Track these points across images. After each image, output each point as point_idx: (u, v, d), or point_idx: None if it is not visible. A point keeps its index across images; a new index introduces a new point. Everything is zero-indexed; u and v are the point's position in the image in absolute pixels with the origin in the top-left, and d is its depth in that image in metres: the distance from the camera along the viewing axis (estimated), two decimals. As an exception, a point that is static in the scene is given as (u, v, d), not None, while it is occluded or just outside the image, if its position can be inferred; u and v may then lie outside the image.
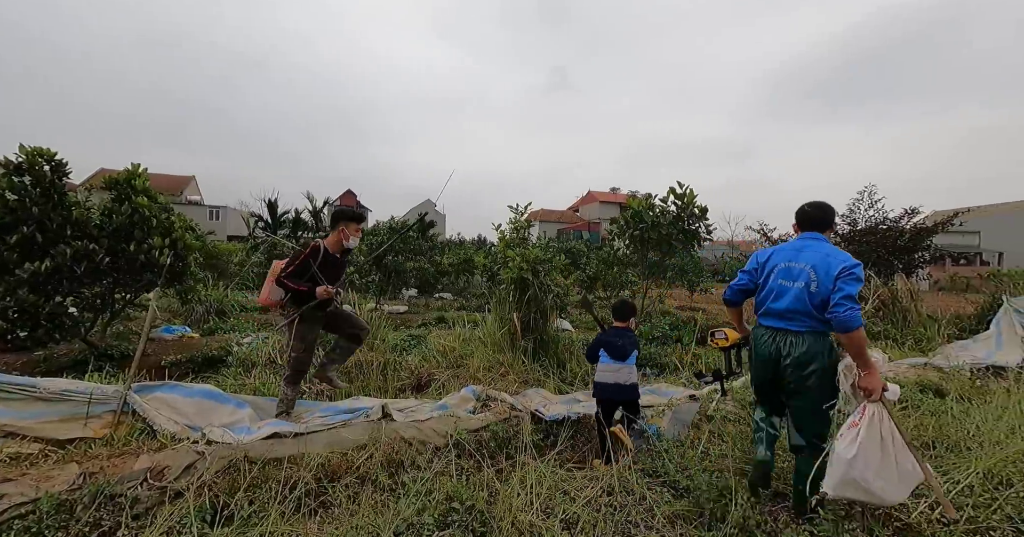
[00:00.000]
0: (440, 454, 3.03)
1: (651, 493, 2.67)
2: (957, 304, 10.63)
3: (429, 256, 17.15)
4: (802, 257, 2.33)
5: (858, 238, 9.27)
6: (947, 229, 8.92)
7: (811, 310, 2.26)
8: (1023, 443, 3.01)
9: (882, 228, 9.11)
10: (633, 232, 6.56)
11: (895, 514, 2.46)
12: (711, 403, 4.29)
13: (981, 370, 5.96)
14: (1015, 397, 4.23)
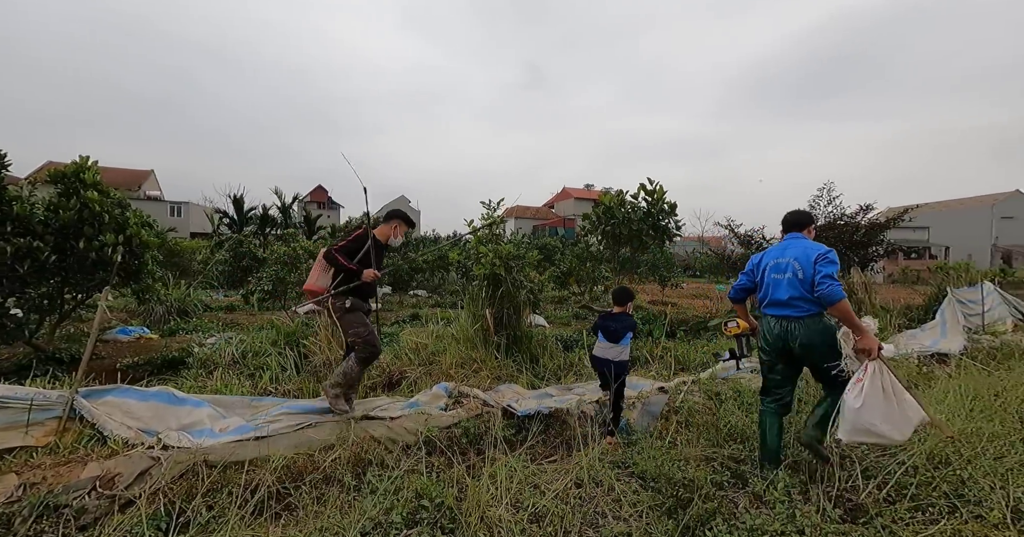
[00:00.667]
0: (411, 452, 3.00)
1: (620, 484, 2.72)
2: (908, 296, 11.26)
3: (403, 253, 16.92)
4: (787, 253, 2.81)
5: (818, 233, 9.68)
6: (898, 224, 9.42)
7: (806, 294, 2.68)
8: (962, 425, 3.22)
9: (840, 224, 9.54)
10: (605, 228, 6.64)
11: (845, 495, 2.59)
12: (679, 395, 4.40)
13: (927, 357, 6.33)
14: (956, 382, 4.51)
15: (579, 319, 11.01)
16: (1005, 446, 2.91)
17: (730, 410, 3.96)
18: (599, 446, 3.25)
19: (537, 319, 9.80)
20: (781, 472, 2.71)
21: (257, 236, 25.52)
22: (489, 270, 4.97)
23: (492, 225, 5.54)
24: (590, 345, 4.07)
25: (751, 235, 10.62)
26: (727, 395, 4.38)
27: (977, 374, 5.11)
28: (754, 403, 3.98)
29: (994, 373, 5.10)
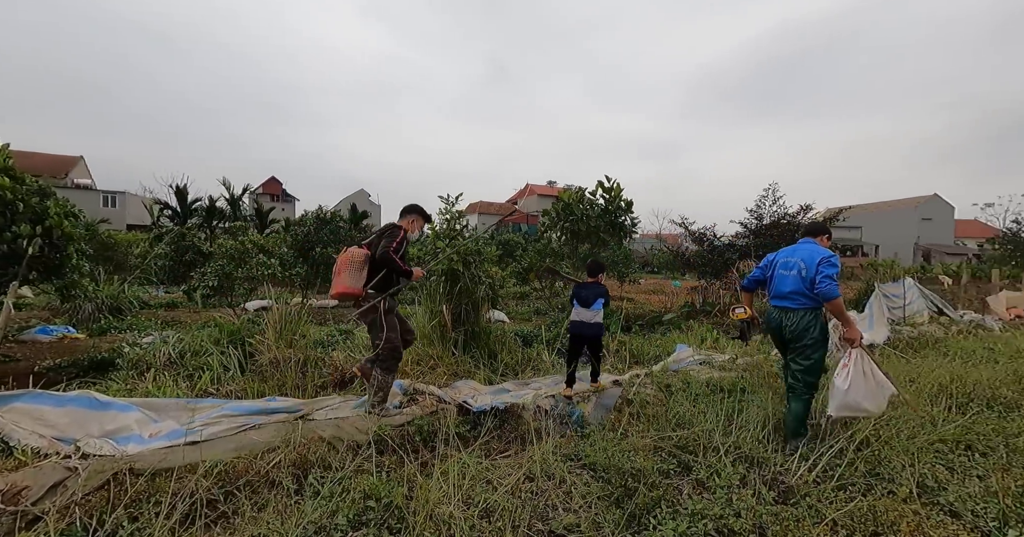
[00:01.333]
0: (361, 452, 2.92)
1: (571, 476, 2.76)
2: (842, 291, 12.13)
3: (362, 248, 16.47)
4: (796, 254, 3.27)
5: (764, 231, 10.25)
6: (834, 224, 10.12)
7: (804, 290, 3.13)
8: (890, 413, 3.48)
9: (783, 223, 10.13)
10: (564, 224, 6.72)
11: (779, 478, 2.75)
12: (632, 388, 4.52)
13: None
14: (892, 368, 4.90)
15: (540, 314, 11.14)
16: (916, 427, 3.19)
17: (679, 401, 4.10)
18: (553, 440, 3.29)
19: (497, 314, 9.82)
20: (725, 458, 2.85)
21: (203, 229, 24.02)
22: (447, 265, 4.91)
23: (452, 220, 5.48)
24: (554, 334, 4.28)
25: (703, 233, 11.06)
26: (677, 387, 4.54)
27: (897, 362, 5.57)
28: (701, 394, 4.16)
29: (911, 361, 5.58)
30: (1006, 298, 11.39)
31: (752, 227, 10.59)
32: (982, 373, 4.66)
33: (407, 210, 3.76)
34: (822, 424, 3.28)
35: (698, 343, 6.87)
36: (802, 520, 2.20)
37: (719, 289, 10.25)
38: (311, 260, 12.28)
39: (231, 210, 27.15)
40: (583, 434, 3.50)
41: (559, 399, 4.12)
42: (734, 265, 10.23)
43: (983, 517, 2.11)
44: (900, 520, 2.04)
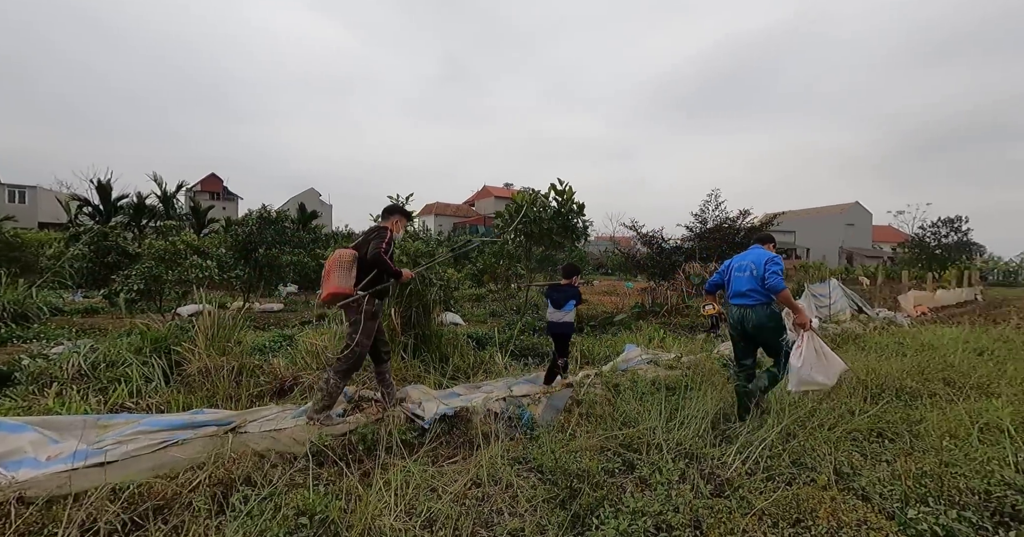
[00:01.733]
0: (297, 465, 2.77)
1: (519, 480, 2.75)
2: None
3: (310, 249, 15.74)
4: (747, 258, 3.87)
5: (707, 235, 10.81)
6: (769, 228, 10.85)
7: (757, 287, 3.66)
8: (810, 405, 3.74)
9: (725, 227, 10.72)
10: (517, 226, 6.74)
11: (716, 472, 2.87)
12: (582, 388, 4.59)
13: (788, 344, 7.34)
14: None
15: (495, 316, 11.12)
16: (836, 418, 3.44)
17: (626, 400, 4.19)
18: (502, 443, 3.27)
19: (452, 317, 9.70)
20: (667, 455, 2.94)
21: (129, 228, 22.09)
22: (395, 267, 4.78)
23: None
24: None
25: (653, 235, 11.48)
26: (625, 386, 4.64)
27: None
28: (647, 392, 4.29)
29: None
30: (914, 297, 12.65)
31: (697, 231, 11.13)
32: (892, 366, 5.12)
33: (390, 211, 3.84)
34: (763, 406, 3.73)
35: (646, 343, 7.09)
36: (734, 511, 2.31)
37: (667, 290, 10.69)
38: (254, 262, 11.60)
39: (164, 208, 25.14)
40: (532, 436, 3.50)
41: (510, 402, 4.11)
42: (680, 267, 10.70)
43: (889, 499, 2.30)
44: (819, 506, 2.18)
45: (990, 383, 4.33)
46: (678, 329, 8.92)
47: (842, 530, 2.03)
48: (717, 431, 3.46)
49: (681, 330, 8.86)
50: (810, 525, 2.09)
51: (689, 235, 11.30)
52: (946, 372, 4.82)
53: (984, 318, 11.11)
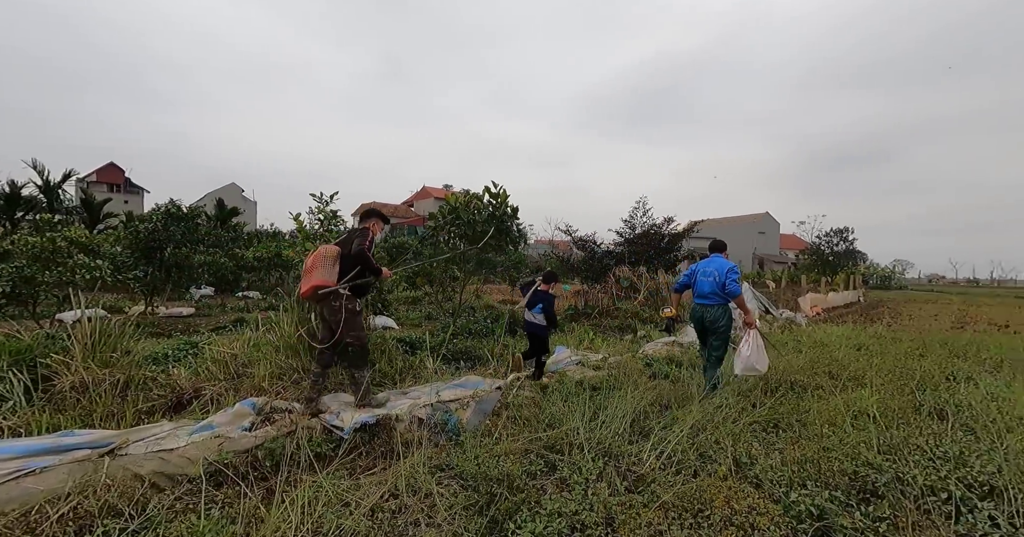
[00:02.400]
0: (194, 487, 2.50)
1: (439, 488, 2.68)
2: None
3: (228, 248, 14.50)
4: (711, 265, 4.64)
5: (636, 240, 11.39)
6: (691, 235, 11.67)
7: (717, 291, 4.47)
8: (718, 400, 4.03)
9: (651, 233, 11.36)
10: (450, 228, 6.66)
11: (633, 469, 2.99)
12: (512, 391, 4.60)
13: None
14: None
15: (431, 319, 10.89)
16: (739, 411, 3.73)
17: (553, 401, 4.27)
18: (426, 451, 3.19)
19: (384, 321, 9.37)
20: (588, 454, 3.02)
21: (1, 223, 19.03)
22: (317, 270, 4.50)
23: (327, 220, 5.06)
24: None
25: (586, 240, 11.88)
26: (553, 387, 4.73)
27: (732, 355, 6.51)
28: (573, 392, 4.40)
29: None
30: (811, 298, 14.19)
31: (627, 236, 11.69)
32: (789, 362, 5.68)
33: (367, 214, 4.16)
34: (717, 385, 4.50)
35: (576, 344, 7.30)
36: (645, 506, 2.41)
37: (599, 293, 11.11)
38: (159, 262, 10.47)
39: (46, 200, 21.92)
40: (457, 442, 3.45)
41: (437, 407, 4.02)
42: (611, 271, 11.17)
43: (777, 484, 2.52)
44: (717, 496, 2.34)
45: (863, 375, 4.93)
46: (608, 331, 9.28)
47: (735, 516, 2.19)
48: (636, 428, 3.62)
49: (611, 331, 9.23)
50: (708, 514, 2.24)
51: (620, 240, 11.83)
52: (831, 366, 5.42)
53: (864, 317, 12.72)
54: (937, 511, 2.28)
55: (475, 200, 6.74)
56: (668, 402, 4.35)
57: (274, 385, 3.97)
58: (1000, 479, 2.41)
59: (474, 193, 7.00)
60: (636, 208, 11.62)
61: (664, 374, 5.47)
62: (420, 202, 51.41)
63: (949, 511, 2.26)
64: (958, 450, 2.81)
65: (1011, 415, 3.36)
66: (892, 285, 42.39)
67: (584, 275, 11.78)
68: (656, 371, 5.63)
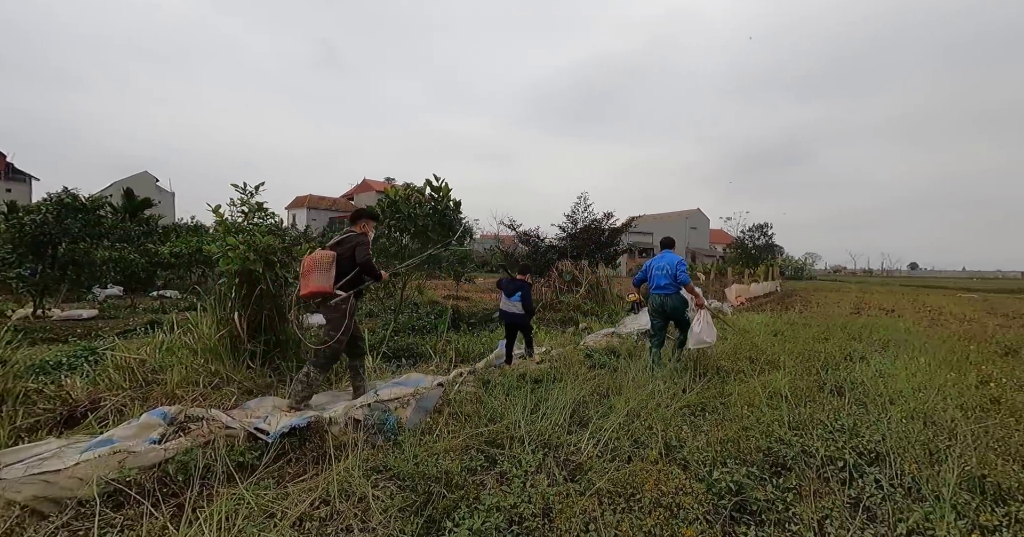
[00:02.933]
0: (88, 510, 2.22)
1: (375, 491, 2.59)
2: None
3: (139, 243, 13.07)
4: (663, 260, 5.39)
5: (578, 235, 11.67)
6: (629, 230, 12.16)
7: (671, 282, 5.23)
8: (650, 387, 4.23)
9: (592, 227, 11.70)
10: (390, 222, 6.44)
11: (571, 458, 3.06)
12: (454, 387, 4.55)
13: (642, 333, 8.28)
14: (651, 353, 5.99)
15: (372, 316, 10.52)
16: (671, 397, 3.94)
17: (496, 396, 4.26)
18: (362, 453, 3.07)
19: (320, 319, 8.92)
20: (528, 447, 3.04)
21: None
22: (240, 265, 4.17)
23: (251, 213, 4.68)
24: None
25: (529, 234, 11.99)
26: (496, 381, 4.73)
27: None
28: (515, 386, 4.42)
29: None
30: (736, 289, 15.33)
31: (569, 231, 11.95)
32: (716, 348, 6.10)
33: (357, 215, 4.20)
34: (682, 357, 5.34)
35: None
36: (581, 494, 2.47)
37: (542, 287, 11.27)
38: (52, 259, 9.23)
39: None
40: (396, 442, 3.35)
41: (375, 407, 3.88)
42: (554, 265, 11.37)
43: (702, 464, 2.69)
44: (648, 479, 2.45)
45: (778, 358, 5.39)
46: (551, 324, 9.46)
47: (664, 497, 2.30)
48: (576, 418, 3.70)
49: (553, 324, 9.41)
50: (639, 497, 2.33)
51: (562, 235, 12.07)
52: (751, 352, 5.88)
53: (780, 305, 13.95)
54: (835, 478, 2.53)
55: (416, 193, 6.56)
56: (607, 391, 4.50)
57: (190, 392, 3.63)
58: (884, 446, 2.73)
59: (414, 186, 6.82)
60: (578, 204, 11.94)
61: (603, 364, 5.67)
62: (361, 195, 49.37)
63: (844, 477, 2.52)
64: (852, 422, 3.15)
65: (894, 389, 3.83)
66: (804, 276, 46.94)
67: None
68: (596, 362, 5.82)
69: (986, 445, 2.66)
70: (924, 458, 2.58)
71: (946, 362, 4.97)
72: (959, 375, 4.29)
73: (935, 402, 3.41)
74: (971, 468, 2.35)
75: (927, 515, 2.06)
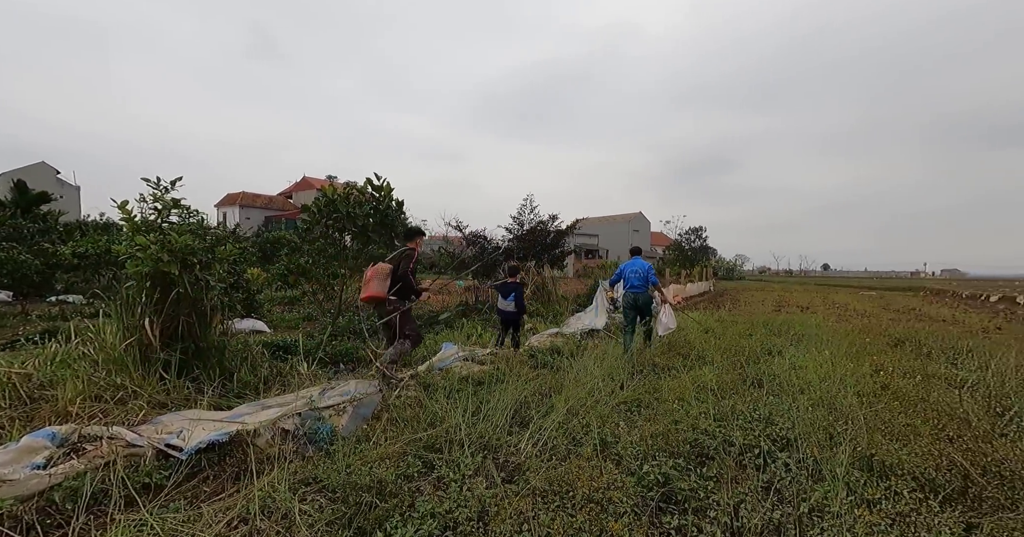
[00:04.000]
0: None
1: (302, 505, 2.44)
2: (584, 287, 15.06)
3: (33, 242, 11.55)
4: (635, 265, 6.50)
5: (524, 237, 11.79)
6: (574, 232, 12.47)
7: (644, 283, 6.36)
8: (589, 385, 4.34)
9: (538, 229, 11.87)
10: (327, 222, 6.14)
11: (511, 459, 3.06)
12: (394, 392, 4.41)
13: (585, 333, 8.51)
14: (597, 350, 6.18)
15: (310, 320, 10.00)
16: (607, 394, 4.07)
17: (437, 399, 4.18)
18: (291, 465, 2.89)
19: (252, 324, 8.36)
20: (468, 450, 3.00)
21: None
22: (152, 267, 3.79)
23: (165, 210, 4.27)
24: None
25: (476, 235, 11.95)
26: (439, 385, 4.64)
27: (607, 343, 7.11)
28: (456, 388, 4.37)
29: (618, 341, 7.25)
30: (673, 289, 16.19)
31: (516, 232, 12.04)
32: (653, 346, 6.39)
33: (410, 234, 5.18)
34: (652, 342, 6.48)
35: (464, 340, 7.30)
36: (518, 495, 2.48)
37: (489, 288, 11.26)
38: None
39: None
40: (328, 452, 3.19)
41: (307, 416, 3.68)
42: (501, 267, 11.41)
43: (634, 458, 2.79)
44: (582, 476, 2.51)
45: (708, 354, 5.74)
46: (497, 324, 9.48)
47: (596, 493, 2.36)
48: (517, 419, 3.71)
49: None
50: (573, 494, 2.38)
51: (509, 236, 12.14)
52: (684, 348, 6.23)
53: (713, 304, 14.91)
54: (751, 465, 2.73)
55: (356, 192, 6.31)
56: (549, 390, 4.56)
57: (88, 409, 3.24)
58: (793, 432, 2.98)
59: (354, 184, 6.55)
60: (524, 205, 12.06)
61: (546, 364, 5.75)
62: (301, 193, 46.84)
63: (760, 463, 2.72)
64: (768, 412, 3.41)
65: (804, 379, 4.20)
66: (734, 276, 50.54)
67: (475, 271, 11.85)
68: (540, 361, 5.89)
69: (875, 427, 2.98)
70: (825, 441, 2.84)
71: (847, 354, 5.52)
72: (856, 365, 4.78)
73: (836, 390, 3.78)
74: (862, 449, 2.62)
75: (826, 493, 2.27)
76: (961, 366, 5.05)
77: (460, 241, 13.33)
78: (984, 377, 4.25)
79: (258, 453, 3.09)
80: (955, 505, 2.22)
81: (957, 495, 2.30)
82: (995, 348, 5.98)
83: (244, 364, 4.79)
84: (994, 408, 3.40)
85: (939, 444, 2.71)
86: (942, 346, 6.49)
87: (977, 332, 8.67)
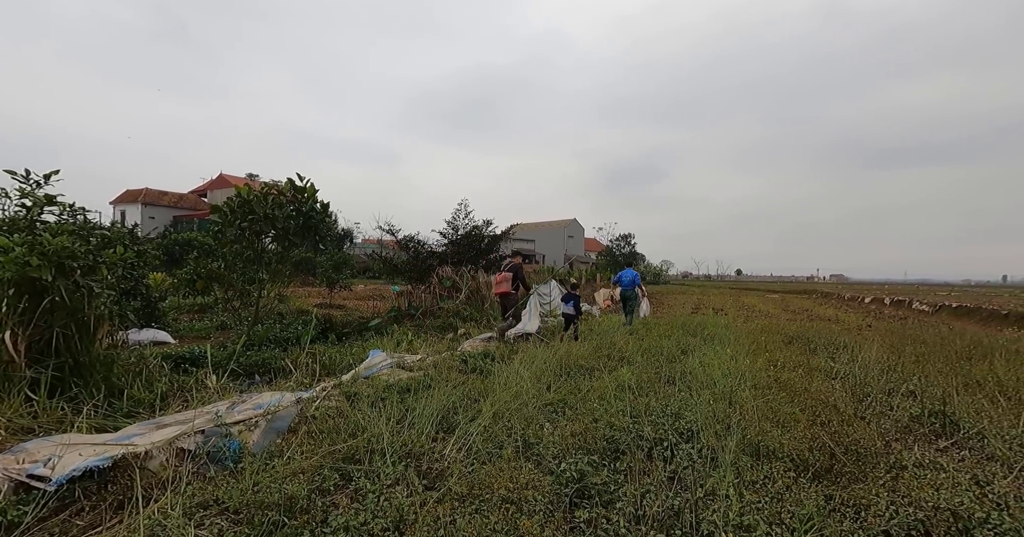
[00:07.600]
0: None
1: (199, 530, 2.25)
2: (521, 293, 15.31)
3: None
4: (629, 274, 10.88)
5: (459, 241, 11.75)
6: (509, 237, 12.64)
7: (634, 287, 10.73)
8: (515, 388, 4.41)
9: (473, 234, 11.89)
10: (242, 223, 5.71)
11: (434, 466, 3.02)
12: (314, 403, 4.20)
13: (520, 337, 8.63)
14: (530, 353, 6.28)
15: (224, 329, 9.20)
16: (534, 395, 4.16)
17: (361, 409, 4.02)
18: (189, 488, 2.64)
19: (153, 334, 7.55)
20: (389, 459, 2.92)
21: None
22: (17, 272, 3.29)
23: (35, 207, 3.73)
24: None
25: (410, 239, 11.71)
26: (364, 394, 4.48)
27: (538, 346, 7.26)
28: (382, 397, 4.25)
29: (551, 344, 7.43)
30: (603, 293, 16.93)
31: (450, 237, 11.96)
32: (583, 348, 6.63)
33: (515, 254, 8.98)
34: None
35: (395, 347, 7.11)
36: (438, 501, 2.46)
37: (423, 293, 11.08)
38: None
39: None
40: (234, 471, 2.96)
41: (211, 433, 3.39)
42: (435, 271, 11.28)
43: (553, 457, 2.89)
44: (501, 477, 2.55)
45: (630, 355, 6.07)
46: (430, 330, 9.33)
47: (514, 493, 2.41)
48: (444, 425, 3.67)
49: (433, 331, 9.30)
50: (491, 497, 2.41)
51: (444, 241, 12.03)
52: (609, 350, 6.53)
53: (639, 307, 15.78)
54: (660, 457, 2.93)
55: (275, 192, 5.92)
56: (477, 395, 4.56)
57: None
58: (697, 424, 3.24)
59: (273, 184, 6.15)
60: (459, 210, 12.02)
61: (476, 368, 5.75)
62: (218, 191, 43.00)
63: (667, 455, 2.93)
64: (678, 407, 3.68)
65: (710, 376, 4.58)
66: (660, 281, 53.88)
67: (408, 275, 11.61)
68: (471, 366, 5.88)
69: (764, 416, 3.33)
70: (722, 431, 3.13)
71: (748, 351, 6.11)
72: (754, 361, 5.31)
73: (736, 385, 4.17)
74: (751, 436, 2.92)
75: (720, 478, 2.50)
76: (837, 360, 5.79)
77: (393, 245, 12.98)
78: (853, 369, 4.91)
79: (149, 477, 2.81)
80: (822, 480, 2.55)
81: (824, 472, 2.64)
82: (864, 343, 6.93)
83: (138, 379, 4.31)
84: (857, 395, 3.93)
85: (813, 428, 3.09)
86: (825, 342, 7.39)
87: (853, 329, 9.99)
